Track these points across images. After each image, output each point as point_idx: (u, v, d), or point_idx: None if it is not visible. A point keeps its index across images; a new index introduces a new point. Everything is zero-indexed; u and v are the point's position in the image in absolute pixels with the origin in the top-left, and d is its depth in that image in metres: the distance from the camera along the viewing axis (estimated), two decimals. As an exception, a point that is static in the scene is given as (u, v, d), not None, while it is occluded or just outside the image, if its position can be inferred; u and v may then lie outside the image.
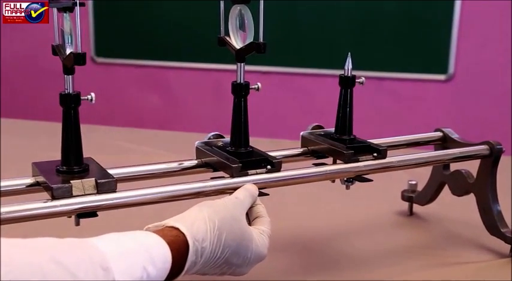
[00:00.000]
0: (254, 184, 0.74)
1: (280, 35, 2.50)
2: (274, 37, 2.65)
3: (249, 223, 0.71)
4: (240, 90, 0.79)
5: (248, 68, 0.78)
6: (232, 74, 0.78)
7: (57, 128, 0.75)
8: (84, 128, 0.72)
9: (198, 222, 0.61)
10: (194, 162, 0.82)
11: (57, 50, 0.68)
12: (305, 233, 0.99)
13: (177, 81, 2.73)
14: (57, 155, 0.74)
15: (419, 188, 1.08)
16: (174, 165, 0.81)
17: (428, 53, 2.45)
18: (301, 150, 0.90)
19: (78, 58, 0.65)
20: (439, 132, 1.00)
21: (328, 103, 2.66)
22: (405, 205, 1.09)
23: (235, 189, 0.73)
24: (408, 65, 2.47)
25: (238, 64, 0.78)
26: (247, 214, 0.71)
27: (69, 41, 0.66)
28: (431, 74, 2.47)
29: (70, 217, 0.69)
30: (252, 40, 0.75)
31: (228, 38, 0.79)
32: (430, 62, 2.46)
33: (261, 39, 0.73)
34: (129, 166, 0.79)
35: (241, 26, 0.76)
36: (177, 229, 0.60)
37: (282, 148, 0.88)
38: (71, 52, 0.65)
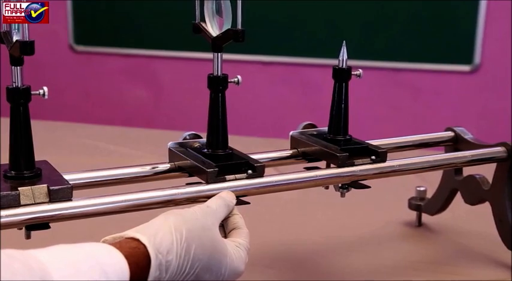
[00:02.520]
0: (232, 191, 0.73)
1: (283, 18, 2.49)
2: (277, 21, 2.65)
3: (225, 236, 0.70)
4: (217, 84, 0.78)
5: (246, 57, 0.77)
6: (230, 65, 0.78)
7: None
8: (59, 126, 0.71)
9: (162, 232, 0.60)
10: (167, 166, 0.81)
11: (4, 38, 0.67)
12: (294, 247, 0.99)
13: (167, 73, 2.73)
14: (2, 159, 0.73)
15: (429, 195, 1.07)
16: (144, 169, 0.80)
17: (451, 41, 2.43)
18: (291, 152, 0.89)
19: (25, 47, 0.64)
20: (450, 132, 0.98)
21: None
22: (413, 215, 1.08)
23: (210, 197, 0.72)
24: (428, 54, 2.45)
25: (215, 54, 0.77)
26: (222, 225, 0.70)
27: (16, 28, 0.65)
28: (455, 64, 2.45)
29: (21, 229, 0.68)
30: (229, 27, 0.74)
31: (203, 25, 0.78)
32: (453, 51, 2.44)
33: (239, 26, 0.73)
34: (92, 171, 0.78)
35: (218, 11, 0.75)
36: (137, 240, 0.59)
37: (281, 148, 0.88)
38: (17, 40, 0.65)
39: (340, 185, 0.84)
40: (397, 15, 2.43)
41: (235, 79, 0.79)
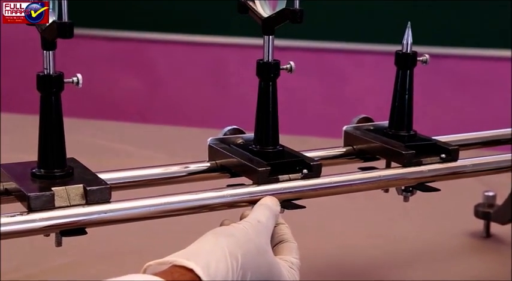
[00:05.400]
0: (286, 193, 0.78)
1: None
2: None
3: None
4: (268, 71, 0.82)
5: (257, 41, 0.81)
6: (238, 50, 0.82)
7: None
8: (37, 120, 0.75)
9: (216, 259, 0.62)
10: (206, 165, 0.86)
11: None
12: (343, 260, 1.03)
13: (163, 59, 2.75)
14: (26, 157, 0.77)
15: (499, 201, 1.10)
16: (182, 169, 0.85)
17: (504, 20, 2.44)
18: (345, 149, 0.93)
19: (64, 29, 0.68)
20: (524, 128, 1.02)
21: (368, 90, 2.71)
22: (480, 224, 1.12)
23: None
24: (477, 37, 2.48)
25: (266, 37, 0.81)
26: None
27: (52, 7, 0.69)
28: (509, 49, 2.46)
29: (48, 235, 0.72)
30: (284, 6, 0.78)
31: (251, 3, 0.82)
32: (508, 33, 2.45)
33: (297, 5, 0.77)
34: (122, 170, 0.82)
35: (271, -12, 0.79)
36: (190, 269, 0.61)
37: (310, 147, 0.92)
38: (53, 21, 0.69)
39: (403, 187, 0.88)
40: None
41: (288, 66, 0.83)
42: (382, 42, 2.45)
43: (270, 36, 0.81)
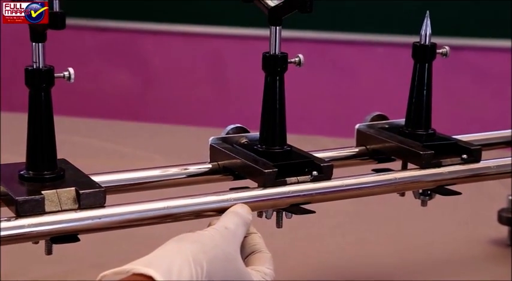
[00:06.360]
0: (295, 196, 0.79)
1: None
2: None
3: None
4: (275, 65, 0.83)
5: (258, 32, 0.82)
6: (239, 42, 0.83)
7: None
8: (23, 119, 0.76)
9: (178, 266, 0.63)
10: (207, 166, 0.87)
11: (23, 8, 0.73)
12: (355, 270, 1.04)
13: (158, 52, 2.75)
14: (13, 158, 0.79)
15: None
16: (181, 171, 0.86)
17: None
18: (357, 150, 0.95)
19: (56, 20, 0.70)
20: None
21: (380, 85, 2.71)
22: (504, 231, 1.12)
23: (268, 204, 0.78)
24: (499, 27, 2.48)
25: (273, 28, 0.82)
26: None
27: (42, -4, 0.71)
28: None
29: (38, 242, 0.73)
30: (292, -6, 0.79)
31: (257, -9, 0.83)
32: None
33: (305, -7, 0.78)
34: (117, 172, 0.84)
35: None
36: (149, 277, 0.61)
37: (320, 147, 0.93)
38: (45, 11, 0.70)
39: (421, 190, 0.89)
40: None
41: (296, 59, 0.84)
42: (397, 32, 2.45)
43: (277, 27, 0.82)
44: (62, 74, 0.75)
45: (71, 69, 0.75)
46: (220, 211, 0.76)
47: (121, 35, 2.75)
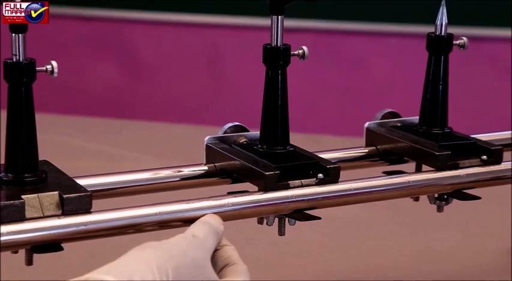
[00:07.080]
0: (299, 201, 0.78)
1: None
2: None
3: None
4: (277, 58, 0.82)
5: (262, 22, 0.81)
6: (236, 33, 0.82)
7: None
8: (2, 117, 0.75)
9: (141, 273, 0.63)
10: (203, 168, 0.86)
11: (2, -2, 0.73)
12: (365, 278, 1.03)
13: (148, 43, 2.76)
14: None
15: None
16: (175, 173, 0.85)
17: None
18: (367, 150, 0.94)
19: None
20: None
21: (391, 79, 2.72)
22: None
23: (269, 210, 0.77)
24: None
25: (274, 18, 0.81)
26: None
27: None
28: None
29: (17, 252, 0.72)
30: (295, -19, 0.79)
31: (257, -22, 0.82)
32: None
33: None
34: (104, 175, 0.83)
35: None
36: None
37: (326, 147, 0.92)
38: (22, 0, 0.70)
39: (437, 195, 0.88)
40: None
41: (300, 51, 0.84)
42: (408, 21, 2.45)
43: (279, 17, 0.81)
44: (44, 68, 0.74)
45: (54, 63, 0.74)
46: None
47: (107, 24, 2.75)
